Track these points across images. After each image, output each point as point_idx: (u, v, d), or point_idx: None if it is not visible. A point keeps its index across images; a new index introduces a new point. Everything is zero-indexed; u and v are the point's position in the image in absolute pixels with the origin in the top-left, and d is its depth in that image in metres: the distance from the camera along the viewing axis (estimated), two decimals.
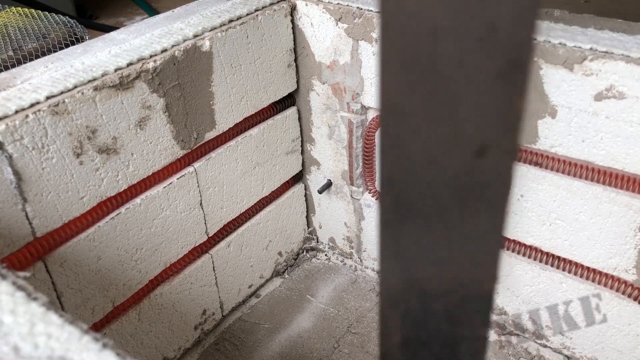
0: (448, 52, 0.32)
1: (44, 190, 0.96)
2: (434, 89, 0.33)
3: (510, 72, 0.31)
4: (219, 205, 1.32)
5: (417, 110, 0.34)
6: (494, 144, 0.34)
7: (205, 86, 1.19)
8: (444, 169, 0.35)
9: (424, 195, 0.36)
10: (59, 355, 0.49)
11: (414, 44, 0.32)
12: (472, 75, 0.32)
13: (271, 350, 1.37)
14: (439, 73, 0.32)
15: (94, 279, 1.08)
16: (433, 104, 0.33)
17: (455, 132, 0.34)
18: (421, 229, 0.38)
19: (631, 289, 1.15)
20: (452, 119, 0.33)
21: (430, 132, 0.34)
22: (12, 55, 1.49)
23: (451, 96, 0.33)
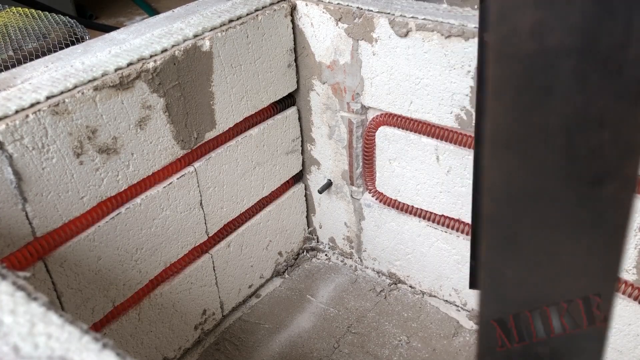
0: (568, 73, 0.29)
1: (44, 190, 0.96)
2: (550, 114, 0.30)
3: (635, 93, 0.29)
4: (219, 205, 1.32)
5: (530, 139, 0.31)
6: (614, 171, 0.31)
7: (205, 86, 1.19)
8: (556, 200, 0.32)
9: (533, 230, 0.33)
10: (59, 355, 0.49)
11: (530, 66, 0.29)
12: (593, 97, 0.29)
13: (271, 350, 1.37)
14: (557, 97, 0.29)
15: (94, 278, 1.08)
16: (548, 131, 0.30)
17: (571, 161, 0.31)
18: (529, 266, 0.34)
19: (631, 289, 1.15)
20: (568, 146, 0.30)
21: (544, 162, 0.31)
22: (12, 55, 1.49)
23: (568, 122, 0.30)
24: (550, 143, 0.31)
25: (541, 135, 0.30)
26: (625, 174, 0.31)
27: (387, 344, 1.36)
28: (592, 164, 0.31)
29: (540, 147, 0.31)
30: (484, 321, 0.38)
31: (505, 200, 0.33)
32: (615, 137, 0.30)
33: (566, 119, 0.30)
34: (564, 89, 0.29)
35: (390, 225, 1.47)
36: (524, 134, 0.31)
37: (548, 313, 0.36)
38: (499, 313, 0.37)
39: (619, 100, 0.29)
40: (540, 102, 0.30)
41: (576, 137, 0.30)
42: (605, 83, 0.29)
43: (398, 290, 1.52)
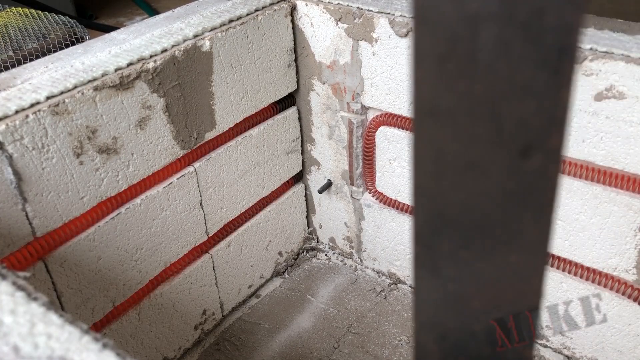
0: (490, 41, 0.28)
1: (44, 190, 0.96)
2: (474, 83, 0.29)
3: (556, 61, 0.28)
4: (219, 205, 1.32)
5: (455, 109, 0.30)
6: (540, 142, 0.30)
7: (205, 86, 1.19)
8: (485, 173, 0.31)
9: (463, 205, 0.32)
10: (59, 355, 0.49)
11: (451, 34, 0.29)
12: (515, 65, 0.28)
13: (271, 350, 1.37)
14: (480, 65, 0.29)
15: (94, 279, 1.08)
16: (473, 101, 0.30)
17: (498, 131, 0.30)
18: (460, 242, 0.34)
19: (631, 289, 1.15)
20: (494, 115, 0.30)
21: (470, 132, 0.30)
22: (12, 55, 1.49)
23: (493, 90, 0.29)
24: (476, 112, 0.30)
25: (467, 104, 0.30)
26: (551, 144, 0.30)
27: (387, 344, 1.36)
28: (519, 135, 0.30)
29: (467, 116, 0.30)
30: (419, 302, 0.37)
31: (433, 171, 0.32)
32: (540, 107, 0.29)
33: (491, 88, 0.29)
34: (487, 57, 0.29)
35: (390, 225, 1.47)
36: (450, 103, 0.30)
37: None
38: (437, 290, 0.36)
39: (541, 70, 0.28)
40: (464, 70, 0.29)
41: (502, 106, 0.30)
42: (527, 51, 0.28)
43: (398, 290, 1.52)
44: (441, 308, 0.37)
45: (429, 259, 0.35)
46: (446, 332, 0.37)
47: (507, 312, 0.35)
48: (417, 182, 0.33)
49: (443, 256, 0.35)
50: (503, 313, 0.36)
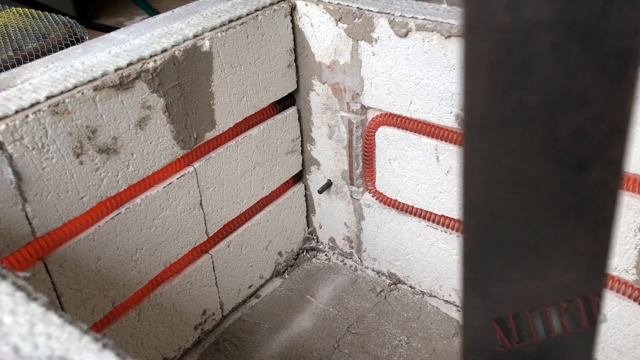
0: (546, 48, 0.27)
1: (44, 190, 0.96)
2: (529, 93, 0.28)
3: (618, 67, 0.26)
4: (219, 205, 1.32)
5: (508, 120, 0.28)
6: (599, 154, 0.28)
7: (205, 86, 1.19)
8: (540, 188, 0.29)
9: (516, 222, 0.30)
10: (59, 355, 0.49)
11: (505, 41, 0.27)
12: (573, 73, 0.27)
13: (271, 350, 1.37)
14: (535, 74, 0.27)
15: (93, 279, 1.08)
16: (527, 112, 0.28)
17: (553, 143, 0.28)
18: (511, 260, 0.32)
19: (631, 289, 1.15)
20: (550, 127, 0.28)
21: (524, 145, 0.29)
22: (12, 55, 1.49)
23: (548, 100, 0.27)
24: (529, 124, 0.28)
25: (519, 115, 0.28)
26: (611, 156, 0.28)
27: (387, 344, 1.36)
28: (575, 146, 0.28)
29: (519, 128, 0.29)
30: (467, 324, 0.35)
31: (484, 188, 0.30)
32: (599, 116, 0.28)
33: (546, 98, 0.28)
34: (542, 65, 0.27)
35: (390, 225, 1.47)
36: (501, 115, 0.28)
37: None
38: (485, 312, 0.34)
39: (601, 76, 0.27)
40: (517, 80, 0.28)
41: (557, 117, 0.28)
42: (586, 57, 0.27)
43: (398, 291, 1.52)
44: (491, 330, 0.35)
45: (478, 279, 0.34)
46: (495, 355, 0.36)
47: (561, 334, 0.34)
48: (467, 199, 0.31)
49: (493, 276, 0.33)
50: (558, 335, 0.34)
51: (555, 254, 0.31)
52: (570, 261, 0.31)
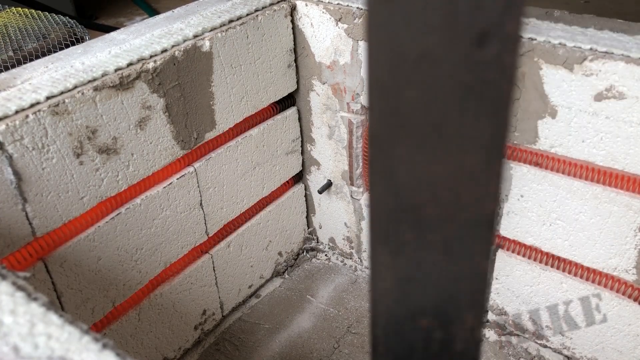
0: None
1: (44, 191, 0.96)
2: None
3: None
4: (219, 205, 1.32)
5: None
6: (497, 28, 0.28)
7: (205, 86, 1.19)
8: (439, 63, 0.29)
9: (419, 101, 0.30)
10: (59, 355, 0.49)
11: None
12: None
13: (271, 350, 1.37)
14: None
15: (94, 279, 1.08)
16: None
17: (451, 17, 0.28)
18: (414, 142, 0.31)
19: (631, 289, 1.15)
20: (450, 1, 0.28)
21: (422, 19, 0.28)
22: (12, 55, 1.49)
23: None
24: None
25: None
26: (507, 31, 0.28)
27: None
28: (473, 20, 0.28)
29: (418, 3, 0.28)
30: (375, 212, 0.35)
31: (388, 65, 0.30)
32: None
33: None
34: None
35: None
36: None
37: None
38: (390, 199, 0.33)
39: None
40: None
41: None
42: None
43: None
44: (393, 214, 0.34)
45: (383, 163, 0.33)
46: (404, 242, 0.35)
47: (463, 219, 0.33)
48: (373, 77, 0.31)
49: (398, 160, 0.33)
50: (458, 221, 0.33)
51: (457, 136, 0.31)
52: (471, 144, 0.31)
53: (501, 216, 1.26)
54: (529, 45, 1.06)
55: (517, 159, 1.18)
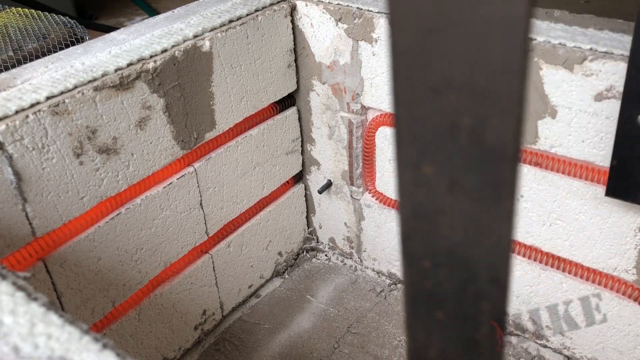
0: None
1: (44, 191, 0.96)
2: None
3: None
4: (219, 205, 1.32)
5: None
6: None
7: (205, 86, 1.19)
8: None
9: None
10: (59, 355, 0.49)
11: None
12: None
13: (271, 350, 1.37)
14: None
15: (94, 279, 1.08)
16: None
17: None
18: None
19: (631, 289, 1.15)
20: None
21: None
22: (12, 55, 1.49)
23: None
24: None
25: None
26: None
27: (387, 344, 1.36)
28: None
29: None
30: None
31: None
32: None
33: None
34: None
35: (390, 225, 1.47)
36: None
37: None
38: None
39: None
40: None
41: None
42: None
43: (398, 290, 1.52)
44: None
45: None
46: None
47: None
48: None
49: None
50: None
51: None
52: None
53: None
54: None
55: None
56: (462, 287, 0.36)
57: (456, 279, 0.35)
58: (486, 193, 0.31)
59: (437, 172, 0.32)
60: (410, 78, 0.30)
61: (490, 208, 0.32)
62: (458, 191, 0.32)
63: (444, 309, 0.37)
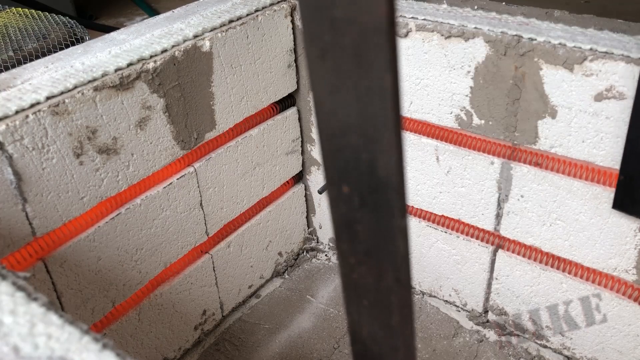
0: None
1: (44, 191, 0.96)
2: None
3: None
4: (219, 205, 1.32)
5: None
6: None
7: (205, 86, 1.19)
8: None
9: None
10: (59, 355, 0.49)
11: None
12: None
13: (271, 350, 1.37)
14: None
15: (94, 279, 1.08)
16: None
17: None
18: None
19: (631, 289, 1.15)
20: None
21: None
22: (13, 55, 1.49)
23: None
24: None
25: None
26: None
27: None
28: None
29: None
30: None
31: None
32: None
33: None
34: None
35: None
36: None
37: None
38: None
39: None
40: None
41: None
42: None
43: None
44: (316, 15, 0.38)
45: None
46: (324, 48, 0.39)
47: (364, 24, 0.37)
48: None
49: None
50: (360, 26, 0.36)
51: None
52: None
53: (501, 216, 1.26)
54: (529, 46, 1.06)
55: (518, 159, 1.18)
56: (377, 282, 0.45)
57: (372, 274, 0.45)
58: (383, 211, 0.41)
59: (351, 191, 0.42)
60: (328, 122, 0.40)
61: (388, 222, 0.41)
62: (365, 207, 0.42)
63: (367, 296, 0.46)
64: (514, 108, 1.13)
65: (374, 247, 0.43)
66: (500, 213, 1.26)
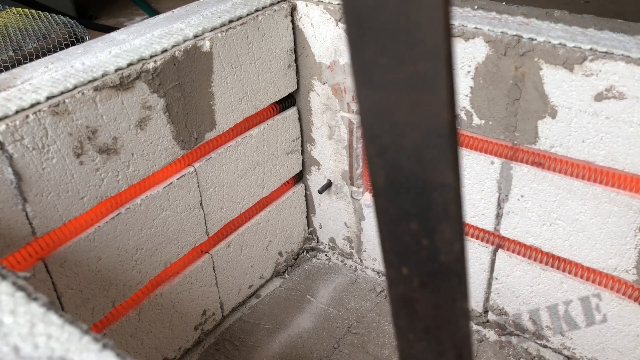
0: None
1: (44, 191, 0.96)
2: None
3: None
4: (219, 205, 1.32)
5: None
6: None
7: (205, 86, 1.19)
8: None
9: (378, 7, 0.33)
10: (59, 355, 0.49)
11: None
12: None
13: (271, 350, 1.37)
14: None
15: (94, 279, 1.08)
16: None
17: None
18: (378, 49, 0.35)
19: (631, 289, 1.15)
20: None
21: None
22: (13, 55, 1.49)
23: None
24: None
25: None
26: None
27: (387, 344, 1.36)
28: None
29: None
30: (362, 115, 0.38)
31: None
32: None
33: None
34: None
35: None
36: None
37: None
38: (370, 104, 0.38)
39: None
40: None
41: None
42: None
43: None
44: (376, 119, 0.38)
45: (362, 67, 0.37)
46: (384, 145, 0.38)
47: (425, 128, 0.36)
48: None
49: (370, 63, 0.37)
50: (423, 128, 0.36)
51: (407, 42, 0.34)
52: (418, 50, 0.34)
53: (501, 216, 1.26)
54: (529, 46, 1.06)
55: (518, 159, 1.18)
56: (437, 359, 0.44)
57: (432, 351, 0.44)
58: (444, 294, 0.41)
59: (410, 273, 0.42)
60: (386, 210, 0.41)
61: (450, 305, 0.42)
62: (426, 288, 0.42)
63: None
64: (514, 108, 1.13)
65: (434, 326, 0.43)
66: (500, 213, 1.26)
